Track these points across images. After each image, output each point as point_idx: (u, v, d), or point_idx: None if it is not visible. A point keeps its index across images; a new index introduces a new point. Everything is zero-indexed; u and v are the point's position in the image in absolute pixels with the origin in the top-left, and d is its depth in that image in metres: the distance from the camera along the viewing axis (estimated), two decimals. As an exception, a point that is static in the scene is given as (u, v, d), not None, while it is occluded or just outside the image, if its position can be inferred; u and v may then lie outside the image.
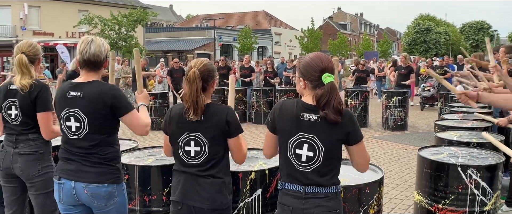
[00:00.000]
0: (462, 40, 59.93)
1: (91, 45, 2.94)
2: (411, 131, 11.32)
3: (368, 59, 25.57)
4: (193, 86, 2.67)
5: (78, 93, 2.90)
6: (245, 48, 46.38)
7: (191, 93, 2.67)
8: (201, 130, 2.71)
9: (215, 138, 2.71)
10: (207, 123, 2.70)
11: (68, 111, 2.91)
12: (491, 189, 3.96)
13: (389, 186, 6.46)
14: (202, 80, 2.70)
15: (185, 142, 2.75)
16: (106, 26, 30.92)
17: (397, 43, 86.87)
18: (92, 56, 2.94)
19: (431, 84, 15.43)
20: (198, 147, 2.72)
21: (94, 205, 2.94)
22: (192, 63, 2.76)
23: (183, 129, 2.75)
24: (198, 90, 2.67)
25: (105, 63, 3.05)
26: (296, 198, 2.47)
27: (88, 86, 2.92)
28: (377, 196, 3.38)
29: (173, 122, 2.79)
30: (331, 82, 2.41)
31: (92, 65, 2.97)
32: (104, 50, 3.00)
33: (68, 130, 2.94)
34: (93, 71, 2.99)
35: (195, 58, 2.89)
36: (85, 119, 2.88)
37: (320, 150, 2.42)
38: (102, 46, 2.99)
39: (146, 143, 8.93)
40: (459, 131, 5.72)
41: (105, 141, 2.94)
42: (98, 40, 2.99)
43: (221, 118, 2.70)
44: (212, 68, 2.79)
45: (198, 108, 2.67)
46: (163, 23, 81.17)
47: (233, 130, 2.74)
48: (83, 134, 2.90)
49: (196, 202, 2.71)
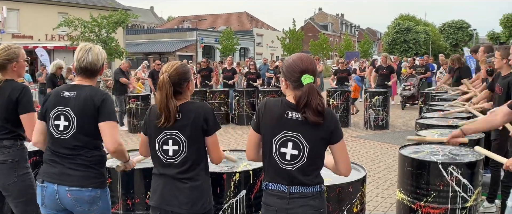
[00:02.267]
0: (442, 39, 60.68)
1: (89, 54, 2.98)
2: (393, 130, 11.43)
3: (349, 59, 25.74)
4: (163, 92, 2.67)
5: (72, 93, 2.93)
6: (227, 49, 46.35)
7: (161, 100, 2.66)
8: (179, 128, 2.70)
9: (193, 136, 2.71)
10: (185, 121, 2.70)
11: (59, 109, 2.92)
12: (472, 185, 4.01)
13: (371, 184, 6.52)
14: (174, 85, 2.69)
15: (163, 141, 2.74)
16: (86, 28, 30.58)
17: (377, 43, 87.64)
18: (89, 65, 2.98)
19: (412, 83, 15.62)
20: (177, 146, 2.71)
21: (76, 209, 2.91)
22: (163, 68, 2.76)
23: (161, 128, 2.74)
24: (168, 96, 2.66)
25: (101, 71, 3.09)
26: (280, 198, 2.48)
27: (83, 88, 2.96)
28: (360, 194, 3.42)
29: (152, 121, 2.78)
30: (310, 83, 2.42)
31: (89, 73, 3.01)
32: (101, 59, 3.05)
33: (55, 129, 2.93)
34: (89, 78, 3.03)
35: (173, 61, 2.90)
36: (74, 118, 2.89)
37: (305, 148, 2.44)
38: (100, 55, 3.03)
39: (127, 146, 8.87)
40: (439, 129, 5.79)
41: (90, 143, 2.94)
42: (96, 49, 3.03)
43: (198, 116, 2.70)
44: (184, 70, 2.77)
45: (169, 114, 2.66)
46: (144, 25, 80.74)
47: (211, 127, 2.75)
48: (70, 134, 2.90)
49: (175, 207, 2.70)
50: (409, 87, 15.62)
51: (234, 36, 48.08)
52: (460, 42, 57.39)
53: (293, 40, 50.80)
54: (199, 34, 51.07)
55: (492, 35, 48.02)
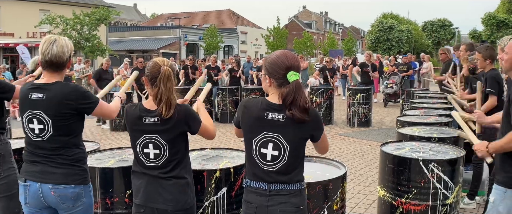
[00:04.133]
0: (424, 38, 61.16)
1: (54, 46, 2.86)
2: (375, 128, 11.51)
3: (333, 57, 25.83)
4: (168, 84, 2.62)
5: (40, 95, 2.83)
6: (211, 47, 46.21)
7: (165, 91, 2.61)
8: (159, 133, 2.66)
9: (174, 139, 2.68)
10: (165, 125, 2.65)
11: (31, 113, 2.85)
12: (452, 182, 4.05)
13: (353, 181, 6.55)
14: None
15: (143, 144, 2.70)
16: (68, 25, 30.26)
17: (361, 41, 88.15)
18: (55, 57, 2.86)
19: (394, 81, 15.73)
20: (157, 150, 2.68)
21: (61, 206, 2.88)
22: (159, 62, 2.70)
23: (140, 132, 2.70)
24: (172, 88, 2.63)
25: (68, 64, 2.97)
26: (260, 195, 2.46)
27: (51, 87, 2.85)
28: (340, 192, 3.41)
29: (129, 124, 2.74)
30: (296, 80, 2.39)
31: (55, 66, 2.89)
32: (67, 50, 2.92)
33: (31, 132, 2.87)
34: (55, 72, 2.91)
35: (159, 57, 2.85)
36: (49, 121, 2.82)
37: (285, 149, 2.42)
38: (65, 47, 2.90)
39: (107, 145, 8.79)
40: (420, 127, 5.84)
41: (70, 142, 2.89)
42: (61, 40, 2.91)
43: (179, 120, 2.66)
44: (175, 68, 2.78)
45: (171, 107, 2.62)
46: (127, 22, 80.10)
47: (195, 127, 2.73)
48: (47, 136, 2.84)
49: (159, 204, 2.68)
50: (392, 85, 15.73)
51: (218, 34, 47.93)
52: (442, 40, 57.85)
53: (277, 38, 50.80)
54: (183, 32, 50.83)
55: (474, 34, 48.47)
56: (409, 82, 16.50)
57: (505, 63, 3.21)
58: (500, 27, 45.10)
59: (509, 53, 3.16)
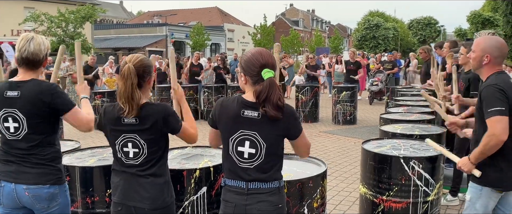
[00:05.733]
0: (410, 36, 61.56)
1: (31, 43, 2.83)
2: (360, 125, 11.56)
3: (319, 55, 25.90)
4: (128, 82, 2.57)
5: (15, 92, 2.79)
6: (198, 45, 46.08)
7: (126, 90, 2.57)
8: (138, 132, 2.63)
9: (153, 139, 2.65)
10: (143, 125, 2.62)
11: (6, 111, 2.81)
12: (433, 179, 4.07)
13: (337, 179, 6.57)
14: (138, 76, 2.60)
15: (123, 143, 2.67)
16: (52, 23, 29.95)
17: (347, 39, 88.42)
18: (31, 55, 2.83)
19: (379, 78, 15.81)
20: (136, 149, 2.65)
21: (36, 207, 2.85)
22: (127, 59, 2.66)
23: (119, 132, 2.67)
24: (133, 86, 2.57)
25: (44, 62, 2.94)
26: (238, 194, 2.45)
27: (26, 85, 2.81)
28: (321, 189, 3.42)
29: (108, 124, 2.71)
30: (270, 77, 2.39)
31: (31, 64, 2.86)
32: (44, 48, 2.88)
33: (6, 131, 2.84)
34: (31, 70, 2.88)
35: (136, 54, 2.82)
36: (24, 119, 2.79)
37: (262, 146, 2.41)
38: (42, 45, 2.87)
39: (90, 143, 8.73)
40: (402, 124, 5.87)
41: (44, 141, 2.86)
42: (38, 38, 2.88)
43: (157, 119, 2.62)
44: (149, 64, 2.71)
45: (133, 105, 2.58)
46: (113, 20, 79.53)
47: (175, 127, 2.69)
48: (22, 135, 2.81)
49: (136, 202, 2.65)
50: (377, 83, 15.81)
51: (204, 32, 47.81)
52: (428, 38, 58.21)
53: (264, 36, 50.85)
54: (169, 29, 50.59)
55: (459, 32, 48.87)
56: (394, 80, 16.60)
57: (472, 61, 3.21)
58: (485, 25, 45.50)
59: (476, 51, 3.16)
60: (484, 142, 2.96)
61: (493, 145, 2.94)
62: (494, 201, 3.15)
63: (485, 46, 3.12)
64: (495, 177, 3.06)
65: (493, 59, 3.10)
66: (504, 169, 3.05)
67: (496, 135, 2.90)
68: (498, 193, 3.12)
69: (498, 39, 3.19)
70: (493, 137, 2.91)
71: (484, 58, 3.11)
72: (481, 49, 3.13)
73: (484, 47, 3.12)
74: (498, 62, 3.14)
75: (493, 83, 3.00)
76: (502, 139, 2.91)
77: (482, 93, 3.02)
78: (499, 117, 2.89)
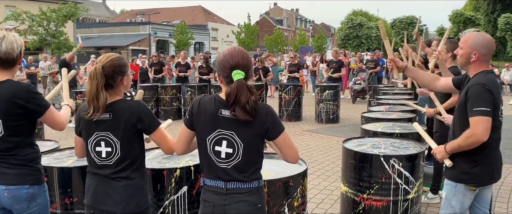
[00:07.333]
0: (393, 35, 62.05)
1: (3, 42, 2.76)
2: (343, 124, 11.62)
3: (303, 54, 25.97)
4: (94, 82, 2.54)
5: None
6: (181, 43, 45.88)
7: (91, 90, 2.54)
8: (110, 130, 2.60)
9: (127, 137, 2.61)
10: (116, 122, 2.59)
11: None
12: (413, 177, 4.10)
13: (320, 177, 6.59)
14: (106, 76, 2.57)
15: (95, 142, 2.64)
16: (34, 22, 29.57)
17: (331, 38, 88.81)
18: (4, 54, 2.76)
19: (362, 77, 15.91)
20: (109, 148, 2.61)
21: (15, 207, 2.82)
22: (98, 59, 2.63)
23: (92, 129, 2.63)
24: (98, 87, 2.53)
25: (18, 61, 2.88)
26: (217, 194, 2.43)
27: (0, 87, 2.75)
28: (301, 188, 3.42)
29: (82, 122, 2.67)
30: (239, 79, 2.34)
31: (4, 64, 2.80)
32: (17, 47, 2.82)
33: None
34: (5, 70, 2.82)
35: (110, 53, 2.78)
36: (0, 121, 2.73)
37: (239, 146, 2.39)
38: (15, 43, 2.80)
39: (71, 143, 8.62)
40: (383, 123, 5.91)
41: (23, 142, 2.82)
42: (10, 36, 2.81)
43: (130, 116, 2.59)
44: (121, 63, 2.65)
45: (98, 106, 2.54)
46: (96, 18, 78.75)
47: (148, 126, 2.64)
48: None
49: (108, 206, 2.61)
50: (360, 82, 15.91)
51: (188, 31, 47.61)
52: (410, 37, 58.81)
53: (248, 35, 50.83)
54: (153, 28, 50.27)
55: (441, 31, 49.34)
56: (377, 79, 16.71)
57: (460, 58, 3.20)
58: (467, 24, 46.06)
59: (463, 47, 3.14)
60: (464, 137, 3.00)
61: (471, 142, 2.98)
62: (470, 197, 3.19)
63: (473, 43, 3.09)
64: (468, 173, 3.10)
65: (481, 57, 3.08)
66: (477, 165, 3.09)
67: (477, 134, 2.93)
68: (472, 191, 3.16)
69: (486, 36, 3.17)
70: (474, 136, 2.94)
71: (472, 55, 3.09)
72: (469, 46, 3.10)
73: (471, 44, 3.09)
74: (486, 59, 3.12)
75: (481, 82, 2.98)
76: (482, 140, 2.94)
77: (470, 91, 3.00)
78: (483, 118, 2.91)
